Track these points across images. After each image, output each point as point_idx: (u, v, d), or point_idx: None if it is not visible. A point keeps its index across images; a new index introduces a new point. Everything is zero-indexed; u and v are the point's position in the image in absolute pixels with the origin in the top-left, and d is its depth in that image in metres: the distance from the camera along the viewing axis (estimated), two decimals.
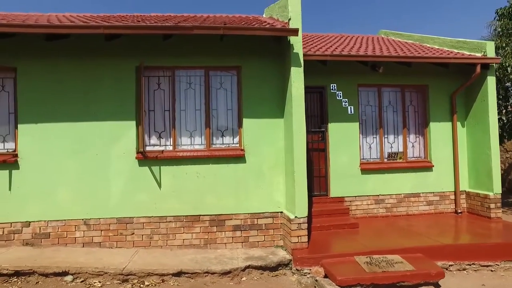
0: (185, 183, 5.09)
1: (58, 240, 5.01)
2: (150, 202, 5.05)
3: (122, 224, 5.03)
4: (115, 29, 4.46)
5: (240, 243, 5.17)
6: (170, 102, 5.30)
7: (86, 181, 5.03)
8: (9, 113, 5.19)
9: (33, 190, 5.00)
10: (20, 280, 4.21)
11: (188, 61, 5.25)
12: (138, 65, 5.10)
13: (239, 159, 5.18)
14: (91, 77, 5.09)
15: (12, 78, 5.19)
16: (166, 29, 4.54)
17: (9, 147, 5.18)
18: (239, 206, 5.18)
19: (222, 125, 5.41)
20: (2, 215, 4.96)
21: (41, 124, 5.03)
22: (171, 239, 5.07)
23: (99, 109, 5.06)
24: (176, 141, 5.26)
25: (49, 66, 5.07)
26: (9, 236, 4.98)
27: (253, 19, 6.23)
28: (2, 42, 4.92)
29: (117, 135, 5.06)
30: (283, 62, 5.20)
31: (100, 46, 5.06)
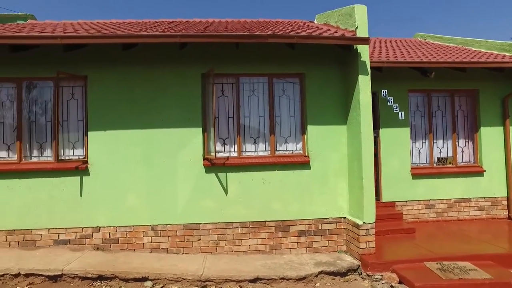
0: (251, 189, 5.21)
1: (127, 246, 5.15)
2: (217, 208, 5.17)
3: (189, 230, 5.16)
4: (191, 38, 4.58)
5: (304, 248, 5.28)
6: (234, 109, 5.42)
7: (154, 187, 5.16)
8: (78, 121, 5.34)
9: (103, 196, 5.15)
10: (103, 284, 4.35)
11: (252, 68, 5.37)
12: (203, 72, 5.23)
13: (304, 165, 5.29)
14: (158, 84, 5.23)
15: (81, 87, 5.34)
16: (240, 37, 4.65)
17: (78, 154, 5.33)
18: (304, 211, 5.29)
19: (285, 131, 5.52)
20: (74, 220, 5.11)
21: (109, 131, 5.17)
22: (237, 245, 5.19)
23: (166, 116, 5.20)
24: (240, 148, 5.38)
25: (118, 74, 5.22)
26: (81, 240, 5.13)
27: (309, 25, 6.33)
28: (73, 52, 5.07)
29: (183, 141, 5.19)
30: (347, 70, 5.31)
31: (166, 54, 5.20)
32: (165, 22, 8.40)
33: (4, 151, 5.34)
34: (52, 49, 5.06)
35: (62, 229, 5.14)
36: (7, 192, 5.12)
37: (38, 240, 5.13)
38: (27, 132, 5.37)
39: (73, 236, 5.13)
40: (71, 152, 5.32)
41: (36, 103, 5.41)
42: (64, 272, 4.37)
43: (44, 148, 5.37)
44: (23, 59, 5.19)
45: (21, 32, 5.33)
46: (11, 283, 4.30)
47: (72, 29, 5.83)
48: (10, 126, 5.35)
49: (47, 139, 5.37)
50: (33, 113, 5.40)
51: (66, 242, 5.14)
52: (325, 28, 5.80)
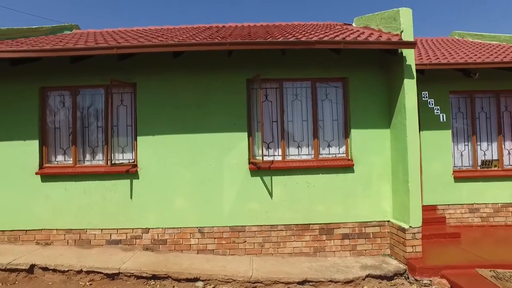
0: (295, 193, 5.35)
1: (174, 247, 5.41)
2: (262, 211, 5.35)
3: (235, 232, 5.36)
4: (239, 45, 4.78)
5: (348, 251, 5.37)
6: (278, 114, 5.58)
7: (201, 190, 5.40)
8: (127, 126, 5.66)
9: (151, 199, 5.43)
10: (157, 283, 4.60)
11: (295, 73, 5.52)
12: (248, 78, 5.42)
13: (348, 168, 5.39)
14: (204, 90, 5.47)
15: (130, 93, 5.66)
16: (287, 44, 4.80)
17: (128, 158, 5.64)
18: (348, 214, 5.38)
19: (328, 135, 5.63)
20: (125, 221, 5.42)
21: (158, 136, 5.45)
22: (281, 247, 5.34)
23: (212, 121, 5.42)
24: (285, 152, 5.53)
25: (165, 81, 5.49)
26: (132, 241, 5.43)
27: (349, 28, 6.41)
28: (124, 60, 5.39)
29: (229, 146, 5.39)
30: (390, 73, 5.36)
31: (212, 60, 5.43)
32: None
33: (61, 155, 5.74)
34: (104, 58, 5.38)
35: (114, 229, 5.46)
36: (64, 194, 5.50)
37: (93, 239, 5.48)
38: (81, 137, 5.74)
39: (124, 236, 5.44)
40: (121, 156, 5.64)
41: (88, 110, 5.77)
42: (121, 271, 4.66)
43: (96, 153, 5.72)
44: (77, 68, 5.55)
45: (69, 43, 5.71)
46: (75, 279, 4.64)
47: (120, 38, 6.17)
48: (66, 132, 5.75)
49: (99, 144, 5.72)
50: (86, 119, 5.77)
51: (118, 242, 5.45)
52: (367, 32, 5.87)
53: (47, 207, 5.53)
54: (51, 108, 5.81)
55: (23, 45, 5.64)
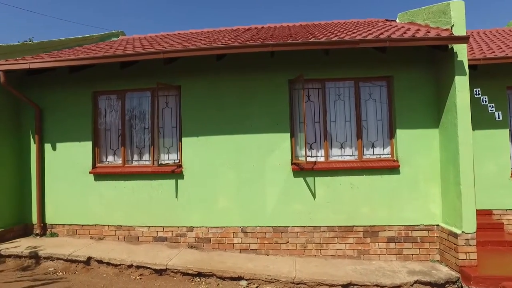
0: (339, 194, 5.32)
1: (218, 246, 5.58)
2: (305, 212, 5.37)
3: (277, 233, 5.43)
4: (282, 46, 4.83)
5: (394, 255, 5.24)
6: (320, 114, 5.58)
7: (243, 190, 5.53)
8: (172, 127, 5.93)
9: (196, 198, 5.65)
10: (202, 280, 4.79)
11: (338, 73, 5.48)
12: (291, 79, 5.47)
13: (393, 170, 5.26)
14: (246, 91, 5.60)
15: (174, 96, 5.92)
16: (330, 44, 4.79)
17: (173, 158, 5.91)
18: (393, 217, 5.26)
19: (373, 135, 5.54)
20: (170, 219, 5.69)
21: (201, 137, 5.65)
22: (324, 248, 5.34)
23: (255, 121, 5.54)
24: (327, 152, 5.51)
25: (208, 83, 5.69)
26: (177, 239, 5.68)
27: (392, 25, 6.26)
28: (169, 64, 5.65)
29: (272, 146, 5.47)
30: (439, 70, 5.17)
31: (254, 62, 5.54)
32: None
33: (111, 156, 6.14)
34: (151, 62, 5.68)
35: (160, 227, 5.75)
36: (115, 192, 5.88)
37: (140, 236, 5.81)
38: (129, 138, 6.10)
39: (170, 234, 5.71)
40: (167, 157, 5.92)
41: (136, 112, 6.12)
42: (168, 267, 4.90)
43: (143, 153, 6.05)
44: (126, 73, 5.91)
45: (119, 49, 6.08)
46: (126, 272, 4.95)
47: (164, 42, 6.47)
48: (115, 133, 6.14)
49: (146, 145, 6.04)
50: (133, 121, 6.12)
51: (164, 239, 5.73)
52: (413, 28, 5.69)
53: (100, 204, 5.95)
54: (102, 111, 6.23)
55: (79, 53, 6.10)
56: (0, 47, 6.15)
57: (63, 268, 5.11)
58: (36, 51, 6.88)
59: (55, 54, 6.41)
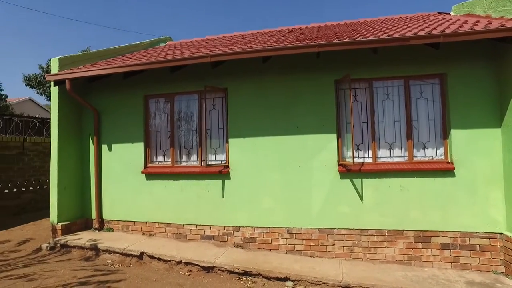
0: (387, 197, 5.18)
1: (263, 246, 5.67)
2: (352, 214, 5.29)
3: (323, 235, 5.39)
4: (329, 46, 4.82)
5: (449, 263, 4.98)
6: (368, 114, 5.47)
7: (289, 191, 5.57)
8: (219, 129, 6.13)
9: (242, 199, 5.79)
10: (249, 279, 4.89)
11: (386, 72, 5.34)
12: (337, 79, 5.43)
13: (447, 172, 5.01)
14: (292, 92, 5.64)
15: (221, 98, 6.13)
16: (379, 42, 4.69)
17: (220, 159, 6.11)
18: (447, 222, 5.00)
19: (424, 136, 5.32)
20: (217, 219, 5.88)
21: (247, 138, 5.79)
22: (372, 252, 5.21)
23: (301, 122, 5.56)
24: (375, 154, 5.39)
25: (254, 85, 5.82)
26: (223, 237, 5.86)
27: (446, 18, 5.96)
28: (216, 67, 5.86)
29: (318, 147, 5.46)
30: (502, 65, 4.83)
31: (299, 62, 5.57)
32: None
33: (161, 156, 6.49)
34: (198, 66, 5.92)
35: (207, 226, 5.96)
36: (165, 191, 6.21)
37: (188, 234, 6.06)
38: (178, 139, 6.40)
39: (216, 233, 5.90)
40: (213, 158, 6.14)
41: (184, 114, 6.41)
42: (215, 265, 5.07)
43: (191, 154, 6.32)
44: (174, 76, 6.22)
45: (168, 55, 6.40)
46: (176, 268, 5.19)
47: (210, 46, 6.71)
48: (165, 135, 6.48)
49: (193, 146, 6.30)
50: (182, 123, 6.41)
51: (211, 238, 5.93)
52: (470, 20, 5.38)
53: (151, 202, 6.31)
54: (152, 114, 6.61)
55: (132, 59, 6.53)
56: (65, 58, 6.76)
57: (119, 261, 5.49)
58: (95, 59, 7.46)
59: (111, 61, 6.91)
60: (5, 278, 4.72)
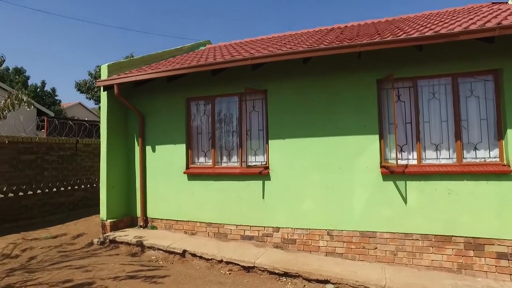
0: (434, 200, 4.97)
1: (303, 247, 5.67)
2: (395, 218, 5.14)
3: (365, 238, 5.29)
4: (370, 46, 4.74)
5: (508, 275, 4.65)
6: (412, 114, 5.29)
7: (329, 193, 5.53)
8: (259, 130, 6.22)
9: (281, 200, 5.83)
10: (288, 281, 4.91)
11: (431, 70, 5.14)
12: (379, 78, 5.31)
13: (503, 176, 4.71)
14: (332, 93, 5.60)
15: (261, 99, 6.22)
16: (425, 39, 4.53)
17: (260, 160, 6.20)
18: (504, 230, 4.70)
19: (474, 137, 5.05)
20: (257, 219, 5.97)
21: (288, 139, 5.82)
22: (417, 258, 5.02)
23: (341, 123, 5.51)
24: (420, 155, 5.20)
25: (293, 86, 5.85)
26: (263, 238, 5.93)
27: (502, 9, 5.61)
28: (256, 69, 5.95)
29: (359, 149, 5.37)
30: None
31: (340, 63, 5.51)
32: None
33: (202, 157, 6.71)
34: (238, 68, 6.04)
35: (247, 226, 6.07)
36: (206, 192, 6.41)
37: (229, 233, 6.21)
38: (218, 140, 6.58)
39: (256, 233, 5.99)
40: (254, 159, 6.24)
41: (224, 116, 6.58)
42: (256, 265, 5.15)
43: (231, 155, 6.48)
44: (215, 79, 6.40)
45: (209, 58, 6.59)
46: (217, 267, 5.34)
47: (250, 48, 6.83)
48: (206, 136, 6.69)
49: (234, 147, 6.45)
50: (222, 125, 6.58)
51: (251, 238, 6.03)
52: None
53: (193, 202, 6.54)
54: (194, 116, 6.85)
55: (174, 64, 6.82)
56: (113, 64, 7.21)
57: (163, 258, 5.75)
58: (139, 64, 7.87)
59: (154, 66, 7.26)
60: (65, 267, 5.16)
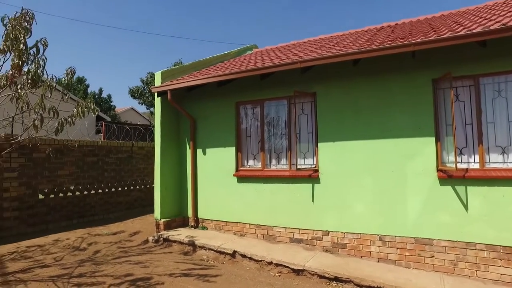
0: (500, 207, 4.64)
1: (354, 252, 5.58)
2: (454, 225, 4.88)
3: (420, 245, 5.08)
4: (425, 44, 4.57)
5: None
6: (473, 115, 5.01)
7: (381, 197, 5.39)
8: (308, 133, 6.25)
9: (331, 203, 5.79)
10: (339, 285, 4.86)
11: (497, 66, 4.82)
12: (435, 78, 5.09)
13: None
14: (384, 94, 5.47)
15: (309, 102, 6.24)
16: (489, 33, 4.26)
17: (309, 163, 6.22)
18: None
19: None
20: (306, 222, 5.99)
21: (338, 142, 5.78)
22: (482, 270, 4.72)
23: (393, 125, 5.35)
24: (483, 158, 4.89)
25: (343, 88, 5.81)
26: (312, 241, 5.93)
27: None
28: (305, 72, 6.00)
29: (413, 152, 5.19)
30: None
31: (391, 63, 5.38)
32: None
33: (251, 160, 6.87)
34: (287, 72, 6.11)
35: (296, 229, 6.10)
36: (255, 194, 6.55)
37: (278, 236, 6.29)
38: (267, 143, 6.70)
39: (305, 236, 6.00)
40: (303, 162, 6.26)
41: (273, 119, 6.69)
42: (305, 268, 5.16)
43: (280, 158, 6.56)
44: (264, 83, 6.53)
45: (258, 62, 6.74)
46: (266, 269, 5.44)
47: (298, 51, 6.90)
48: (255, 139, 6.85)
49: (283, 150, 6.53)
50: (271, 128, 6.70)
51: (300, 241, 6.06)
52: None
53: (242, 204, 6.72)
54: (243, 119, 7.05)
55: (223, 69, 7.08)
56: (166, 71, 7.65)
57: (214, 258, 5.96)
58: (189, 70, 8.25)
59: (205, 71, 7.58)
60: (125, 262, 5.59)
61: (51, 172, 8.04)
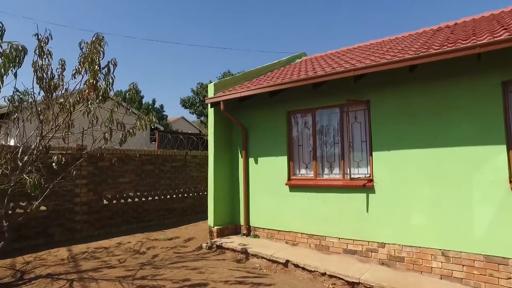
0: None
1: (413, 266, 5.33)
2: None
3: (493, 264, 4.71)
4: (494, 45, 4.31)
5: None
6: None
7: (443, 209, 5.12)
8: (362, 142, 6.14)
9: (387, 214, 5.61)
10: None
11: None
12: (504, 80, 4.78)
13: None
14: (443, 100, 5.22)
15: (363, 110, 6.14)
16: None
17: (363, 172, 6.10)
18: None
19: None
20: (360, 233, 5.85)
21: (393, 151, 5.61)
22: None
23: (454, 133, 5.09)
24: None
25: (398, 95, 5.64)
26: (367, 253, 5.78)
27: None
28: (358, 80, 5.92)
29: (479, 160, 4.88)
30: None
31: (452, 67, 5.12)
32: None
33: (303, 169, 6.89)
34: (339, 80, 6.07)
35: (350, 240, 5.98)
36: (307, 203, 6.55)
37: (331, 246, 6.21)
38: (319, 152, 6.68)
39: (360, 248, 5.86)
40: (356, 171, 6.15)
41: (325, 128, 6.67)
42: (361, 281, 5.03)
43: (333, 167, 6.51)
44: (315, 91, 6.55)
45: (309, 71, 6.77)
46: (319, 280, 5.39)
47: (349, 58, 6.83)
48: (307, 148, 6.87)
49: (335, 159, 6.47)
50: (323, 137, 6.68)
51: (354, 252, 5.93)
52: None
53: (294, 213, 6.75)
54: (294, 128, 7.11)
55: (274, 78, 7.21)
56: (219, 83, 7.98)
57: (266, 266, 6.04)
58: (240, 81, 8.51)
59: (255, 81, 7.78)
60: (182, 267, 5.87)
61: (113, 180, 8.73)
